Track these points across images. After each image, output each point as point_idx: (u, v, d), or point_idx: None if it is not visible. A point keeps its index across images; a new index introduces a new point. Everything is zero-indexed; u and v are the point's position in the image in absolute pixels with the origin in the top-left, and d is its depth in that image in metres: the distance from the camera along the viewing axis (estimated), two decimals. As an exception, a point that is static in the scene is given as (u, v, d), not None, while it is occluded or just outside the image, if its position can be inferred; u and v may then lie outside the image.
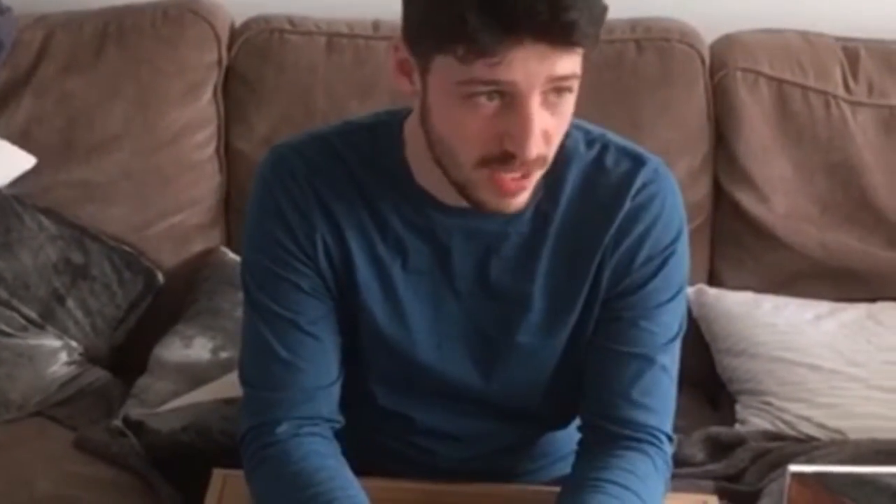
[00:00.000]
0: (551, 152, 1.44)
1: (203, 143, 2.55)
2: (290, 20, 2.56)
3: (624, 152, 1.57)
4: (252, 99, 2.53)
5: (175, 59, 2.52)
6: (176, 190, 2.52)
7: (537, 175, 1.45)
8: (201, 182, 2.55)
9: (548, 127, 1.40)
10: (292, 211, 1.54)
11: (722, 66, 2.51)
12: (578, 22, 1.32)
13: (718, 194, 2.53)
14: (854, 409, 2.28)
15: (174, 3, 2.58)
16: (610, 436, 1.58)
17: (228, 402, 2.06)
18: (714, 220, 2.54)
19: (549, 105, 1.39)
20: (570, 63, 1.37)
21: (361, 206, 1.55)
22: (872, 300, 2.47)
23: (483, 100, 1.38)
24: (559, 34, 1.33)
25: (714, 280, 2.53)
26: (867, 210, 2.49)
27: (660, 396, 1.60)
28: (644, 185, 1.55)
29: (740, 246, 2.54)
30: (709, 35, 2.55)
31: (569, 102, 1.42)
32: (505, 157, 1.40)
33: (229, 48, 2.55)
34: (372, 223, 1.55)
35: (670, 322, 1.60)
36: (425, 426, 1.66)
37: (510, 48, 1.33)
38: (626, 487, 1.52)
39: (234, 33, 2.58)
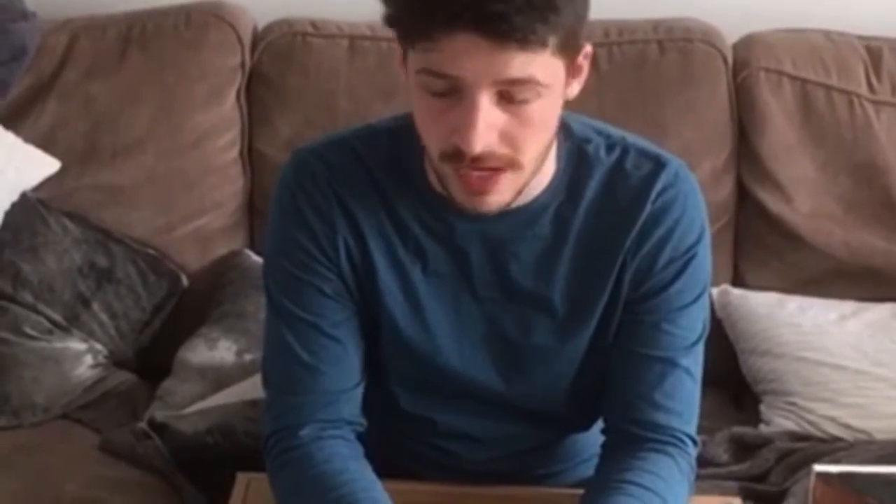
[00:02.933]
0: (523, 156, 1.42)
1: (227, 147, 2.55)
2: (313, 23, 2.56)
3: (644, 155, 1.57)
4: (275, 102, 2.54)
5: (198, 63, 2.53)
6: (200, 193, 2.53)
7: (511, 178, 1.43)
8: (225, 185, 2.55)
9: (506, 127, 1.39)
10: (313, 214, 1.55)
11: (744, 66, 2.50)
12: (506, 14, 1.31)
13: (742, 194, 2.53)
14: (879, 409, 2.27)
15: (197, 6, 2.58)
16: (634, 438, 1.58)
17: (253, 403, 2.06)
18: (737, 220, 2.54)
19: (506, 105, 1.38)
20: (522, 65, 1.35)
21: (381, 209, 1.55)
22: (897, 300, 2.47)
23: (438, 92, 1.38)
24: (487, 25, 1.31)
25: (738, 280, 2.53)
26: (891, 209, 2.48)
27: (683, 399, 1.60)
28: (665, 189, 1.55)
29: (764, 246, 2.53)
30: (731, 35, 2.55)
31: (539, 109, 1.40)
32: (456, 153, 1.40)
33: (252, 51, 2.56)
34: (392, 227, 1.55)
35: (693, 324, 1.60)
36: (447, 428, 1.67)
37: (446, 34, 1.33)
38: (649, 489, 1.52)
39: (257, 37, 2.59)
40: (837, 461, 2.10)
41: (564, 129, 1.55)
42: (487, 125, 1.37)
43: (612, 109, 2.35)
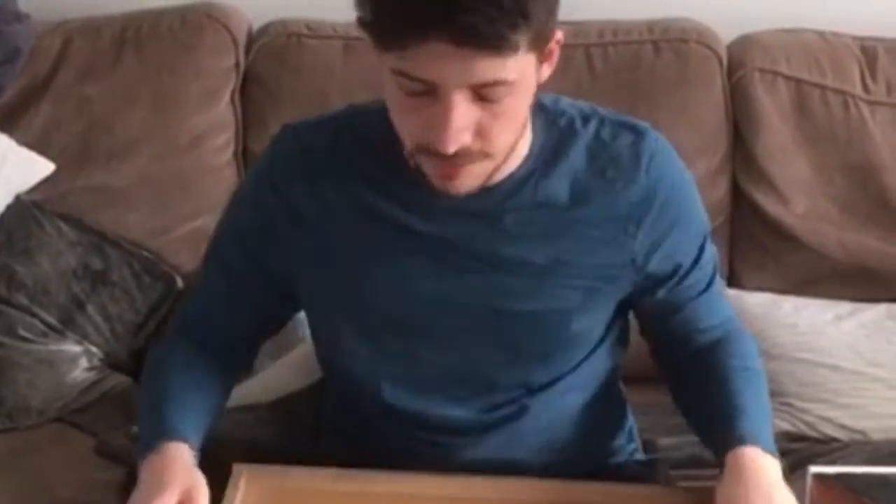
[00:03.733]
0: (494, 148, 1.46)
1: (221, 148, 2.55)
2: (307, 24, 2.56)
3: (619, 125, 1.63)
4: (270, 103, 2.54)
5: (193, 64, 2.53)
6: (195, 194, 2.53)
7: (482, 166, 1.48)
8: (220, 186, 2.55)
9: (480, 122, 1.42)
10: (273, 194, 1.61)
11: (739, 66, 2.50)
12: (477, 25, 1.33)
13: (737, 195, 2.53)
14: (875, 410, 2.27)
15: (192, 8, 2.58)
16: (694, 356, 1.69)
17: (245, 409, 2.06)
18: (733, 220, 2.54)
19: (479, 102, 1.41)
20: (495, 68, 1.38)
21: (360, 190, 1.59)
22: (893, 300, 2.46)
23: (412, 91, 1.41)
24: (459, 36, 1.34)
25: (733, 281, 2.53)
26: (887, 210, 2.48)
27: (722, 309, 1.75)
28: (652, 157, 1.60)
29: (759, 247, 2.53)
30: (726, 35, 2.55)
31: (511, 103, 1.43)
32: (430, 148, 1.44)
33: (247, 53, 2.56)
34: (371, 207, 1.58)
35: (708, 261, 1.70)
36: (432, 420, 1.68)
37: (418, 44, 1.36)
38: (727, 353, 1.69)
39: (252, 38, 2.59)
40: (834, 462, 2.10)
41: (538, 105, 1.58)
42: (461, 125, 1.41)
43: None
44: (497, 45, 1.35)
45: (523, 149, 1.57)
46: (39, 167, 2.46)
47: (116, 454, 2.12)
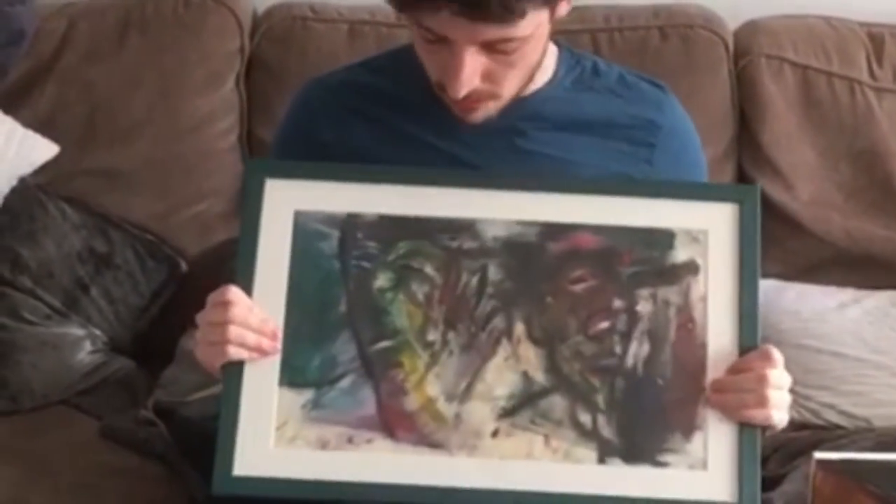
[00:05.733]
0: (504, 90, 1.57)
1: (226, 132, 2.55)
2: (312, 7, 2.56)
3: (642, 77, 1.75)
4: (274, 87, 2.53)
5: (197, 48, 2.52)
6: (199, 178, 2.52)
7: (493, 104, 1.58)
8: (224, 170, 2.55)
9: (490, 69, 1.53)
10: (300, 137, 1.71)
11: (746, 52, 2.50)
12: (485, 1, 1.43)
13: (743, 182, 2.52)
14: (879, 397, 2.27)
15: (196, -10, 2.58)
16: None
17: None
18: (738, 207, 2.53)
19: (490, 53, 1.51)
20: (504, 30, 1.47)
21: (382, 118, 1.67)
22: (897, 287, 2.47)
23: (428, 38, 1.52)
24: (468, 11, 1.44)
25: (738, 268, 2.52)
26: (892, 197, 2.47)
27: None
28: (673, 107, 1.73)
29: (764, 233, 2.50)
30: (732, 21, 2.54)
31: (523, 52, 1.53)
32: (445, 88, 1.55)
33: (252, 36, 2.56)
34: (392, 130, 1.66)
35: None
36: None
37: (430, 11, 1.47)
38: None
39: (257, 21, 2.58)
40: (837, 449, 2.10)
41: (563, 46, 1.72)
42: (471, 73, 1.51)
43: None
44: (503, 15, 1.44)
45: (548, 71, 1.67)
46: (44, 150, 2.46)
47: (120, 437, 2.12)
